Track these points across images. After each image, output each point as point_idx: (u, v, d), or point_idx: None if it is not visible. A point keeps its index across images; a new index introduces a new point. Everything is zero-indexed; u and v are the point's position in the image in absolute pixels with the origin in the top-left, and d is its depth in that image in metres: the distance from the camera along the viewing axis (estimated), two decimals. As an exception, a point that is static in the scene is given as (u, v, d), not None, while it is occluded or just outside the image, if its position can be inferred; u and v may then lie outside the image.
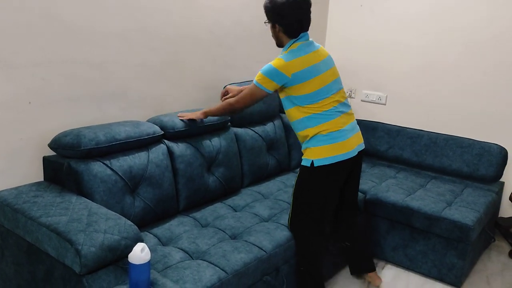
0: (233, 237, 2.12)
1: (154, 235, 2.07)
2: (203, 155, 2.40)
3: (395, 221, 2.68)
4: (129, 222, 1.71)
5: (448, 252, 2.54)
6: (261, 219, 2.30)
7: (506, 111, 3.05)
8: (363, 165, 3.17)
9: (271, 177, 2.89)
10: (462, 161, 2.99)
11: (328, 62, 2.12)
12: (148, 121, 2.37)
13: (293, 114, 2.10)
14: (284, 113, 2.23)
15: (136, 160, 2.10)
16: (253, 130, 2.77)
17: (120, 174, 2.01)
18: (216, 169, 2.49)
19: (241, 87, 2.35)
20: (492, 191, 2.88)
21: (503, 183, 3.04)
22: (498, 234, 3.05)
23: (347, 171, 2.15)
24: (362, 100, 3.71)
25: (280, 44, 2.13)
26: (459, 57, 3.17)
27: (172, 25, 2.53)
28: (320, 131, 2.03)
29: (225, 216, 2.28)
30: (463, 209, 2.56)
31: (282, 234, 2.14)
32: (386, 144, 3.30)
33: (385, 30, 3.47)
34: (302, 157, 2.14)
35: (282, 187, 2.75)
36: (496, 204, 2.88)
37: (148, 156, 2.15)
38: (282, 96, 2.12)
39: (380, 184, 2.91)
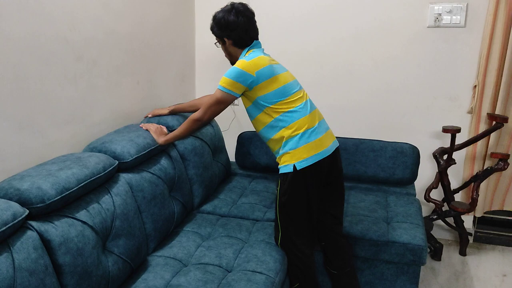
0: None
1: None
2: (94, 229, 1.59)
3: (335, 253, 2.27)
4: None
5: (398, 278, 2.23)
6: (199, 307, 1.62)
7: (407, 106, 2.90)
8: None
9: (178, 227, 2.18)
10: (377, 166, 2.73)
11: (282, 67, 2.08)
12: (-8, 194, 1.45)
13: (263, 118, 1.99)
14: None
15: (-9, 275, 1.21)
16: (149, 172, 2.02)
17: (-33, 313, 1.12)
18: (115, 243, 1.69)
19: (172, 107, 2.44)
20: (412, 194, 2.70)
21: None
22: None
23: (325, 171, 2.01)
24: (248, 107, 3.20)
25: (234, 61, 2.09)
26: (349, 51, 2.91)
27: (4, 34, 1.61)
28: (295, 131, 1.93)
29: (147, 317, 1.53)
30: (405, 225, 2.28)
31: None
32: (291, 157, 2.85)
33: (266, 29, 3.00)
34: (280, 165, 1.99)
35: (199, 241, 2.07)
36: (417, 208, 2.71)
37: (13, 260, 1.27)
38: (247, 104, 2.02)
39: (305, 209, 2.45)
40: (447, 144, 2.82)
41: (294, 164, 1.92)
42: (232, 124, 3.20)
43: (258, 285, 1.73)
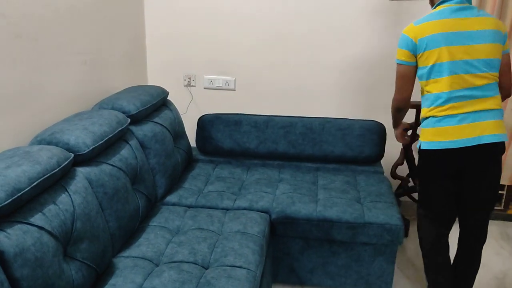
0: None
1: None
2: (53, 234, 1.37)
3: (310, 238, 2.17)
4: None
5: (376, 259, 2.18)
6: (179, 311, 1.46)
7: (370, 82, 2.84)
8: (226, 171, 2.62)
9: (143, 222, 1.99)
10: (345, 145, 2.65)
11: (479, 36, 1.71)
12: None
13: (420, 88, 1.88)
14: (136, 124, 2.15)
15: None
16: (109, 164, 1.80)
17: None
18: (77, 248, 1.48)
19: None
20: (380, 173, 2.66)
21: (379, 159, 2.85)
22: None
23: (456, 164, 1.82)
24: (205, 88, 3.01)
25: (432, 4, 1.87)
26: (310, 25, 2.78)
27: None
28: (432, 114, 1.78)
29: (122, 329, 1.36)
30: (379, 205, 2.22)
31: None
32: (255, 140, 2.71)
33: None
34: None
35: (169, 236, 1.89)
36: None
37: (-44, 282, 1.05)
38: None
39: (275, 194, 2.33)
40: (411, 119, 2.79)
41: (420, 143, 1.87)
42: (190, 106, 3.00)
43: (240, 281, 1.60)
